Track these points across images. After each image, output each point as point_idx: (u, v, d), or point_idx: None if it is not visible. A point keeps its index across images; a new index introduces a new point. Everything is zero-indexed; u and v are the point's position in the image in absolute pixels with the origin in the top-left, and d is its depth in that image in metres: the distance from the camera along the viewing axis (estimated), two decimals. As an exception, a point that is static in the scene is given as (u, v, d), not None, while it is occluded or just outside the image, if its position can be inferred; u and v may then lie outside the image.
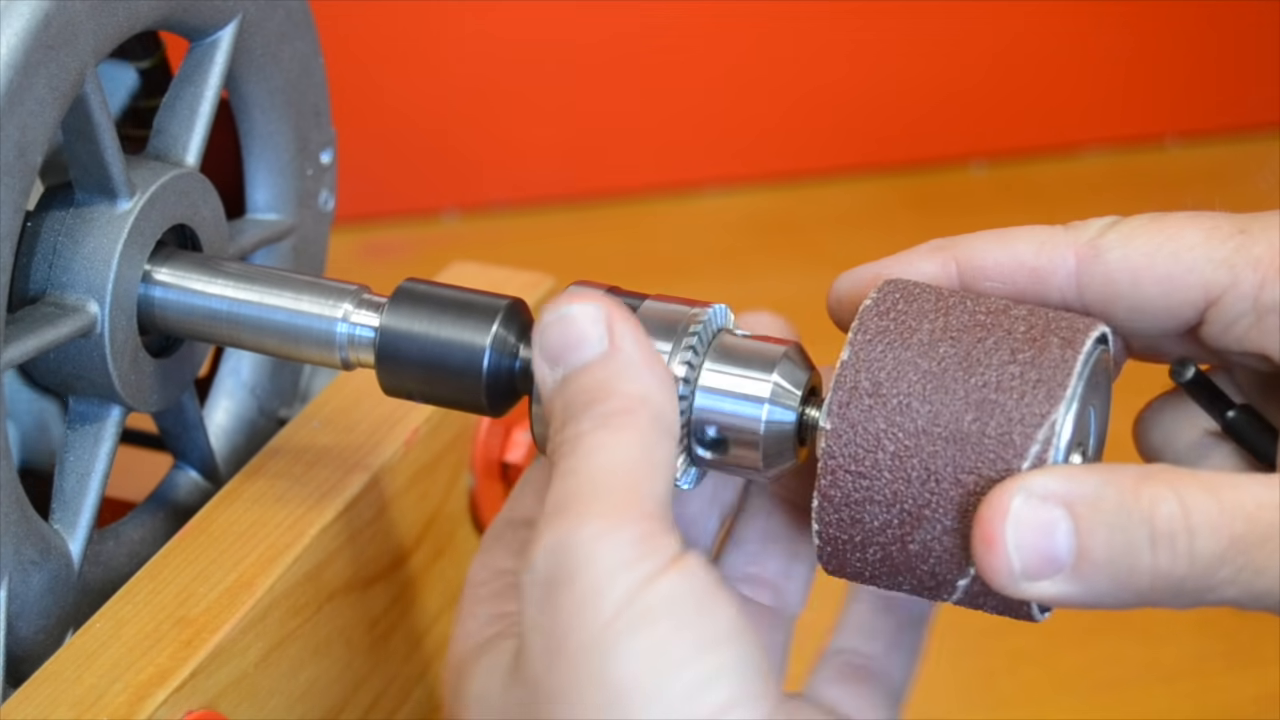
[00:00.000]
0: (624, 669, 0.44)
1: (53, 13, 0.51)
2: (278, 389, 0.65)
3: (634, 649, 0.44)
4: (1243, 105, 1.23)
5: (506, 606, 0.50)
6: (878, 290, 0.51)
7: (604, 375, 0.48)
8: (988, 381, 0.48)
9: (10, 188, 0.51)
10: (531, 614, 0.45)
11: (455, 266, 0.68)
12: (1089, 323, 0.49)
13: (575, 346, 0.49)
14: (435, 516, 0.64)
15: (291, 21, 0.61)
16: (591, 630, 0.44)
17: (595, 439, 0.47)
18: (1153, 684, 0.81)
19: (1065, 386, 0.48)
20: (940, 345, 0.49)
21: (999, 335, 0.49)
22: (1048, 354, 0.48)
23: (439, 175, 1.16)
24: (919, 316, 0.50)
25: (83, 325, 0.54)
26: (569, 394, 0.48)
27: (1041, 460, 0.47)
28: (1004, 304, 0.50)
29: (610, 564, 0.44)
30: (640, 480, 0.46)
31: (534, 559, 0.45)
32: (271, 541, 0.56)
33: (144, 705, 0.51)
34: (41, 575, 0.54)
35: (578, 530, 0.45)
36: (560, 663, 0.44)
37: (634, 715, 0.43)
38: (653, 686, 0.44)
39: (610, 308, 0.49)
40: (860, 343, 0.49)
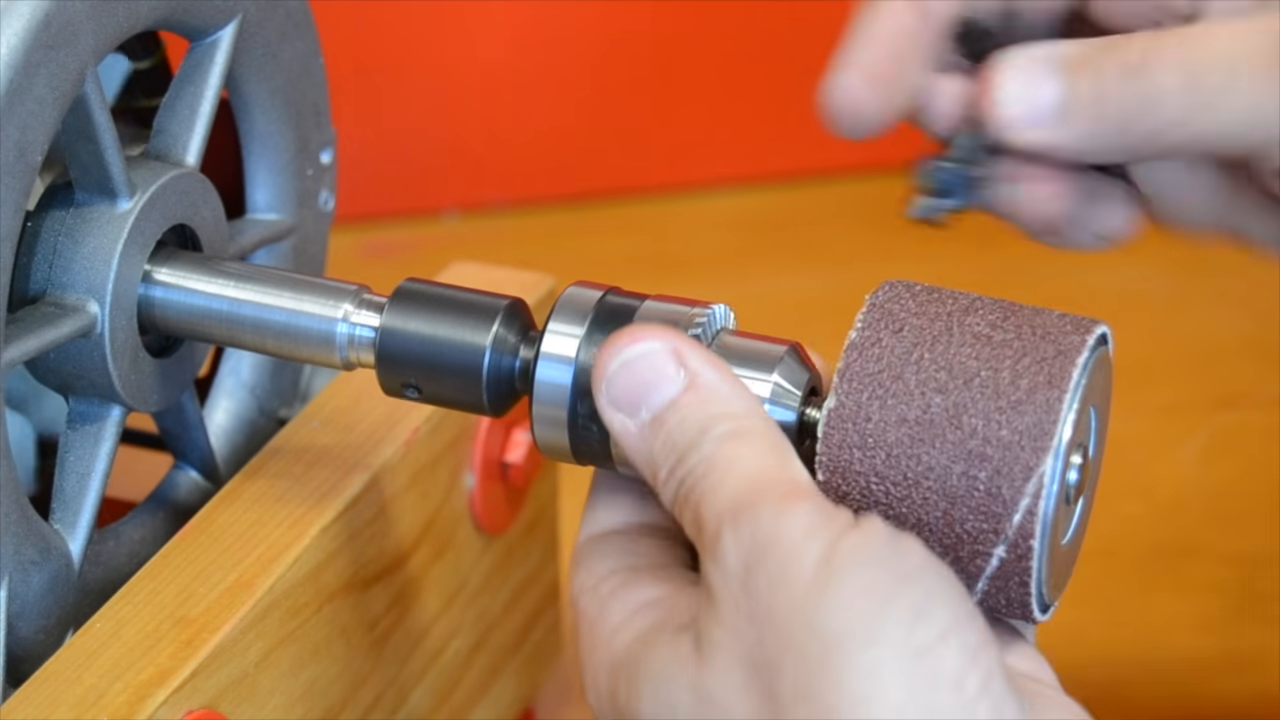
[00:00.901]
0: (835, 617, 0.44)
1: (53, 13, 0.51)
2: (278, 389, 0.65)
3: (840, 598, 0.44)
4: (1243, 105, 1.23)
5: (641, 595, 0.50)
6: (861, 319, 0.50)
7: (697, 407, 0.49)
8: (975, 431, 0.48)
9: (10, 188, 0.51)
10: (731, 602, 0.45)
11: (455, 266, 0.68)
12: (1078, 340, 0.48)
13: (654, 388, 0.49)
14: (435, 516, 0.64)
15: (291, 21, 0.61)
16: (795, 593, 0.44)
17: (726, 452, 0.48)
18: (1153, 684, 0.81)
19: (1051, 436, 0.47)
20: (926, 391, 0.48)
21: (985, 375, 0.48)
22: (1035, 398, 0.48)
23: (439, 175, 1.16)
24: (904, 355, 0.49)
25: (83, 325, 0.54)
26: (667, 434, 0.49)
27: (1032, 513, 0.47)
28: (990, 324, 0.49)
29: (797, 535, 0.45)
30: (789, 472, 0.47)
31: (723, 555, 0.46)
32: (271, 541, 0.56)
33: (144, 705, 0.51)
34: (41, 575, 0.54)
35: (758, 518, 0.46)
36: (770, 634, 0.44)
37: (856, 658, 0.43)
38: (866, 627, 0.44)
39: (672, 338, 0.50)
40: (846, 390, 0.49)
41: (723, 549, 0.46)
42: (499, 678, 0.70)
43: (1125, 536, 0.87)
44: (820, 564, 0.44)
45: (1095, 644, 0.83)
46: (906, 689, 0.43)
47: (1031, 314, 0.49)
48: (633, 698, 0.48)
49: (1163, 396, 0.97)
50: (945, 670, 0.44)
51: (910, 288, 0.51)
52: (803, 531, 0.45)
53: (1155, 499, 0.90)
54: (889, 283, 0.51)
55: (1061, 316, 0.49)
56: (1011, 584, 0.49)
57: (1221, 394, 0.98)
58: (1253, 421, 0.96)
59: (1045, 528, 0.48)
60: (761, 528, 0.46)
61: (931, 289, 0.51)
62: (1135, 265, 1.09)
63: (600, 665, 0.49)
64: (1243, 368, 1.00)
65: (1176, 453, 0.93)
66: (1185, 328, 1.03)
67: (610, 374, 0.49)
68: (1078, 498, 0.50)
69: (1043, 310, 0.50)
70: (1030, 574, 0.48)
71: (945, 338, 0.49)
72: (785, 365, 0.52)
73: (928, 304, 0.50)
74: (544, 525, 0.72)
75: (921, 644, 0.44)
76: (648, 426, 0.49)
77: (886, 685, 0.43)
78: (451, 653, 0.66)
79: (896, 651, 0.43)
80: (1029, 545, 0.48)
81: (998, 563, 0.48)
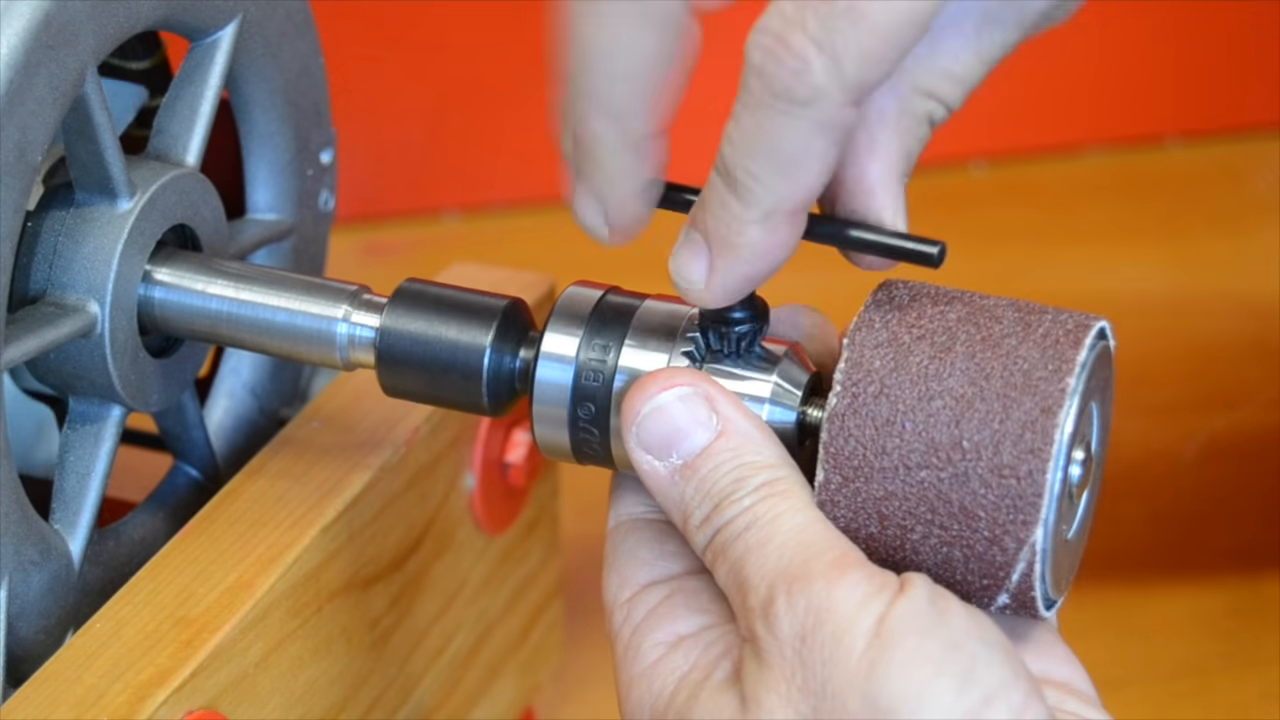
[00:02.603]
0: (889, 687, 0.45)
1: (53, 13, 0.51)
2: (278, 389, 0.65)
3: (892, 667, 0.45)
4: (1243, 105, 1.22)
5: (676, 626, 0.50)
6: (841, 376, 0.49)
7: (730, 455, 0.49)
8: (964, 505, 0.48)
9: (10, 188, 0.51)
10: (785, 670, 0.46)
11: (455, 266, 0.68)
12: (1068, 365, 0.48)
13: (687, 434, 0.50)
14: (435, 516, 0.64)
15: (291, 21, 0.61)
16: (849, 664, 0.46)
17: (768, 508, 0.48)
18: (1153, 684, 0.81)
19: (1038, 509, 0.47)
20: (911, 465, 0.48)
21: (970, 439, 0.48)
22: (1021, 466, 0.47)
23: (439, 175, 1.16)
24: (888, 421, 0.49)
25: (83, 325, 0.54)
26: (700, 480, 0.49)
27: (1028, 575, 0.48)
28: (982, 343, 0.49)
29: (850, 605, 0.46)
30: (830, 530, 0.48)
31: (776, 621, 0.47)
32: (271, 541, 0.56)
33: (144, 705, 0.51)
34: (42, 575, 0.54)
35: (810, 587, 0.47)
36: (825, 704, 0.46)
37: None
38: (919, 695, 0.45)
39: (703, 383, 0.50)
40: (832, 467, 0.49)
41: (776, 615, 0.47)
42: (499, 678, 0.70)
43: (1125, 537, 0.87)
44: (873, 636, 0.46)
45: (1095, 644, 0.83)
46: None
47: (1016, 342, 0.49)
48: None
49: (1163, 396, 0.97)
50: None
51: (894, 302, 0.50)
52: (856, 602, 0.46)
53: (1155, 499, 0.90)
54: (885, 283, 0.51)
55: (1046, 336, 0.49)
56: (1018, 611, 0.49)
57: (1221, 394, 0.98)
58: (1253, 421, 0.96)
59: (1044, 578, 0.48)
60: (815, 597, 0.46)
61: (915, 308, 0.50)
62: (1135, 265, 1.09)
63: (641, 704, 0.50)
64: (1243, 368, 1.00)
65: (1176, 453, 0.93)
66: (1185, 328, 1.03)
67: (641, 417, 0.50)
68: (1082, 492, 0.50)
69: (1031, 327, 0.49)
70: (1035, 609, 0.49)
71: (926, 403, 0.49)
72: (785, 365, 0.52)
73: (908, 348, 0.49)
74: (544, 525, 0.72)
75: (969, 707, 0.45)
76: (678, 471, 0.50)
77: None
78: (452, 653, 0.66)
79: (945, 716, 0.45)
80: (1030, 596, 0.49)
81: (1002, 605, 0.49)
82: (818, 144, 0.48)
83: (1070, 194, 1.16)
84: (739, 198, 0.49)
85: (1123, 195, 1.16)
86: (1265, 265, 1.08)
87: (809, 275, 0.57)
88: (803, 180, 0.48)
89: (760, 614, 0.47)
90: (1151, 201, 1.16)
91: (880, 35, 0.47)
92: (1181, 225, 1.13)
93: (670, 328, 0.52)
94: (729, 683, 0.48)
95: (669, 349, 0.52)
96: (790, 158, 0.48)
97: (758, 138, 0.48)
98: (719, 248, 0.49)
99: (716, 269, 0.50)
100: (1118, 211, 1.15)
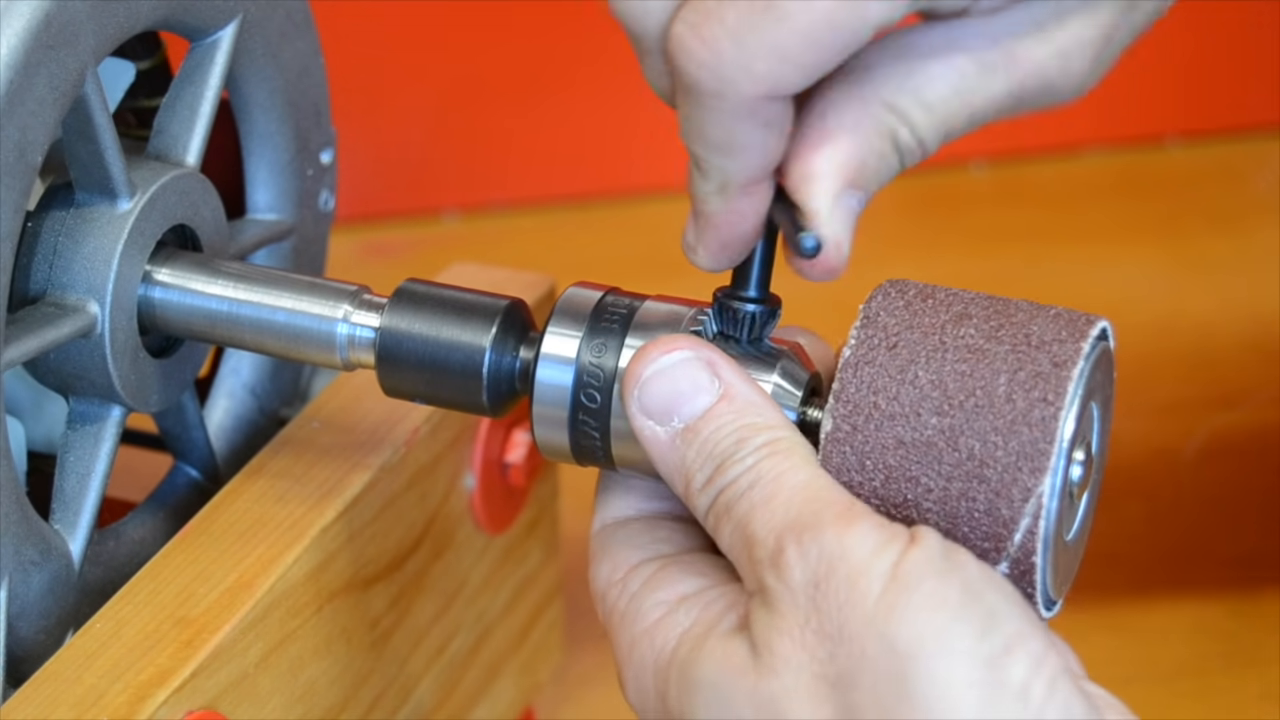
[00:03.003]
0: (908, 631, 0.45)
1: (53, 13, 0.51)
2: (278, 389, 0.65)
3: (910, 612, 0.45)
4: (1243, 105, 1.22)
5: (676, 588, 0.50)
6: (855, 333, 0.50)
7: (732, 417, 0.50)
8: (972, 453, 0.48)
9: (10, 188, 0.51)
10: (799, 616, 0.46)
11: (455, 266, 0.68)
12: (1073, 350, 0.48)
13: (688, 397, 0.50)
14: (435, 516, 0.64)
15: (291, 21, 0.61)
16: (866, 607, 0.46)
17: (771, 465, 0.49)
18: (1153, 684, 0.81)
19: (1049, 456, 0.47)
20: (923, 411, 0.48)
21: (982, 388, 0.48)
22: (1031, 414, 0.48)
23: (439, 175, 1.16)
24: (900, 371, 0.49)
25: (83, 325, 0.54)
26: (702, 443, 0.50)
27: (1032, 532, 0.48)
28: (985, 334, 0.49)
29: (863, 552, 0.46)
30: (837, 488, 0.49)
31: (788, 570, 0.47)
32: (272, 541, 0.56)
33: (144, 705, 0.51)
34: (42, 575, 0.54)
35: (822, 535, 0.47)
36: (843, 649, 0.46)
37: (929, 670, 0.45)
38: (938, 640, 0.45)
39: (704, 349, 0.50)
40: (842, 414, 0.49)
41: (787, 563, 0.47)
42: (499, 678, 0.70)
43: (1125, 537, 0.87)
44: (888, 580, 0.46)
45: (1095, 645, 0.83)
46: (977, 698, 0.45)
47: (1027, 318, 0.49)
48: (687, 704, 0.48)
49: (1163, 396, 0.97)
50: (1013, 679, 0.45)
51: (904, 292, 0.51)
52: (870, 549, 0.46)
53: (1155, 499, 0.90)
54: (886, 283, 0.51)
55: (1058, 316, 0.49)
56: (1017, 585, 0.49)
57: (1221, 394, 0.98)
58: (1253, 421, 0.96)
59: (1046, 544, 0.48)
60: (826, 545, 0.46)
61: (927, 290, 0.51)
62: (1135, 265, 1.09)
63: (644, 664, 0.50)
64: (1243, 368, 1.00)
65: (1176, 453, 0.93)
66: (1185, 328, 1.03)
67: (644, 380, 0.50)
68: (1082, 493, 0.50)
69: (1039, 310, 0.50)
70: (1035, 586, 0.48)
71: (940, 354, 0.49)
72: (785, 365, 0.52)
73: (922, 313, 0.50)
74: (544, 525, 0.72)
75: (990, 654, 0.45)
76: (679, 435, 0.50)
77: (959, 695, 0.45)
78: (451, 653, 0.66)
79: (967, 662, 0.45)
80: (1031, 562, 0.48)
81: (1003, 575, 0.48)
82: (741, 130, 0.49)
83: (1070, 194, 1.16)
84: (697, 173, 0.51)
85: (1123, 195, 1.16)
86: (1265, 265, 1.08)
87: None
88: (742, 159, 0.50)
89: (770, 564, 0.47)
90: (1151, 201, 1.16)
91: (799, 33, 0.48)
92: (1181, 225, 1.13)
93: (670, 328, 0.52)
94: (736, 631, 0.48)
95: (669, 349, 0.52)
96: (720, 142, 0.50)
97: (691, 123, 0.50)
98: (695, 216, 0.52)
99: (700, 241, 0.52)
100: (1118, 211, 1.15)
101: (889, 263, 0.55)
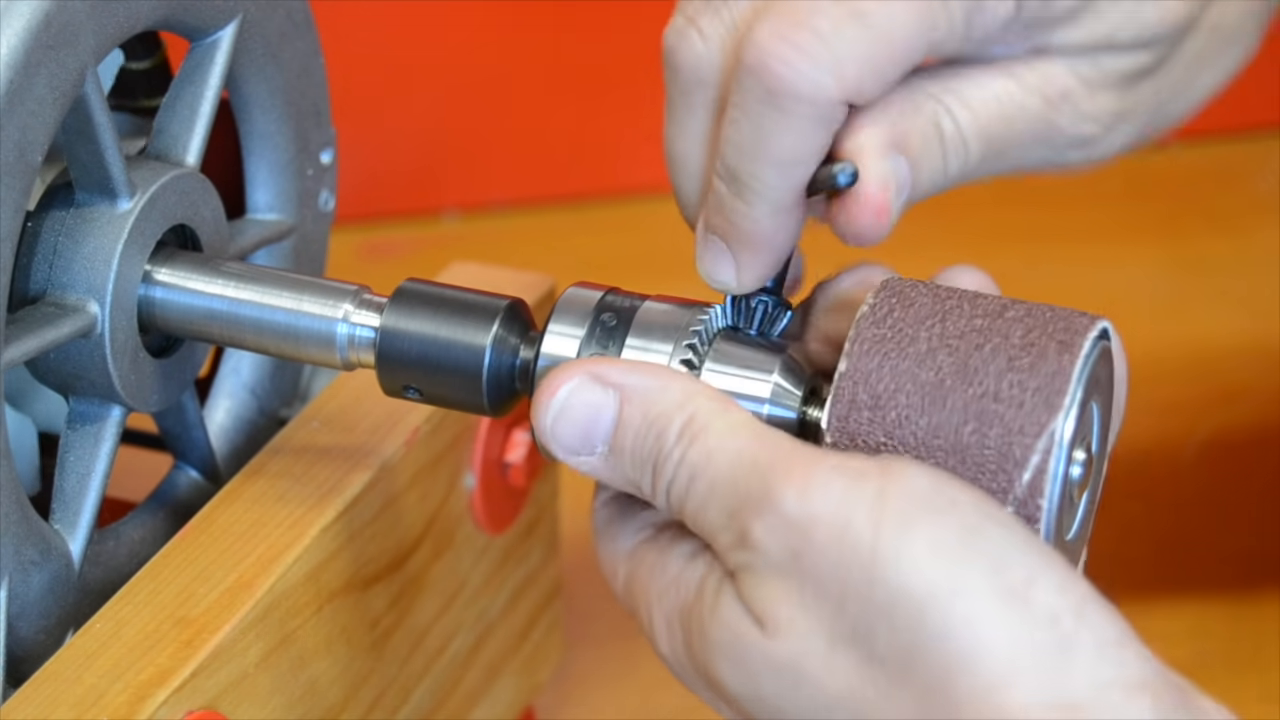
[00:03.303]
0: (917, 578, 0.44)
1: (53, 13, 0.51)
2: (278, 389, 0.65)
3: (915, 559, 0.44)
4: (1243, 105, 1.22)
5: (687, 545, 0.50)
6: (873, 295, 0.50)
7: (640, 417, 0.49)
8: (986, 391, 0.48)
9: (10, 188, 0.51)
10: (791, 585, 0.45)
11: (455, 266, 0.68)
12: (1087, 322, 0.49)
13: (594, 421, 0.50)
14: (435, 516, 0.64)
15: (291, 21, 0.61)
16: (863, 562, 0.44)
17: (698, 452, 0.48)
18: (1153, 684, 0.81)
19: (1064, 394, 0.47)
20: (938, 354, 0.49)
21: (996, 341, 0.49)
22: (1046, 360, 0.48)
23: (439, 175, 1.16)
24: (915, 323, 0.49)
25: (83, 325, 0.54)
26: (629, 455, 0.49)
27: (1042, 470, 0.47)
28: (1001, 305, 0.50)
29: (833, 505, 0.45)
30: (767, 440, 0.47)
31: (761, 548, 0.46)
32: (272, 541, 0.56)
33: (144, 705, 0.51)
34: (42, 575, 0.54)
35: (780, 504, 0.46)
36: (851, 605, 0.44)
37: (951, 611, 0.43)
38: (951, 581, 0.44)
39: (585, 365, 0.50)
40: (858, 354, 0.49)
41: (757, 542, 0.46)
42: (499, 678, 0.70)
43: (1125, 537, 0.87)
44: (876, 528, 0.44)
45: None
46: (1006, 631, 0.43)
47: (1037, 305, 0.50)
48: (710, 664, 0.48)
49: (1163, 396, 0.97)
50: (1040, 607, 0.44)
51: (906, 288, 0.51)
52: (837, 500, 0.45)
53: (1155, 499, 0.90)
54: (887, 281, 0.51)
55: (1059, 316, 0.50)
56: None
57: (1221, 394, 0.98)
58: (1253, 421, 0.96)
59: (1056, 485, 0.47)
60: (789, 511, 0.45)
61: (928, 287, 0.51)
62: (1135, 265, 1.09)
63: (673, 612, 0.49)
64: (1243, 368, 1.00)
65: (1176, 453, 0.93)
66: (1185, 328, 1.03)
67: (550, 429, 0.50)
68: (1081, 493, 0.50)
69: (1039, 309, 0.50)
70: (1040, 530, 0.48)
71: (956, 311, 0.49)
72: (785, 366, 0.52)
73: (937, 290, 0.50)
74: (544, 525, 0.72)
75: (1009, 587, 0.44)
76: (608, 458, 0.50)
77: (987, 630, 0.43)
78: (451, 653, 0.66)
79: (987, 597, 0.43)
80: (1038, 504, 0.47)
81: None
82: (814, 136, 0.50)
83: (1070, 194, 1.16)
84: (746, 200, 0.51)
85: (1123, 195, 1.16)
86: (1265, 265, 1.08)
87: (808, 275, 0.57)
88: (804, 170, 0.51)
89: (740, 547, 0.46)
90: (1151, 201, 1.16)
91: (885, 41, 0.50)
92: (1181, 225, 1.13)
93: (670, 328, 0.52)
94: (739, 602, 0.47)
95: (669, 349, 0.52)
96: (790, 156, 0.50)
97: (756, 140, 0.50)
98: (738, 246, 0.52)
99: (742, 265, 0.52)
100: (1118, 211, 1.15)
101: (889, 263, 0.55)
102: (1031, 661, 0.43)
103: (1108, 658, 0.43)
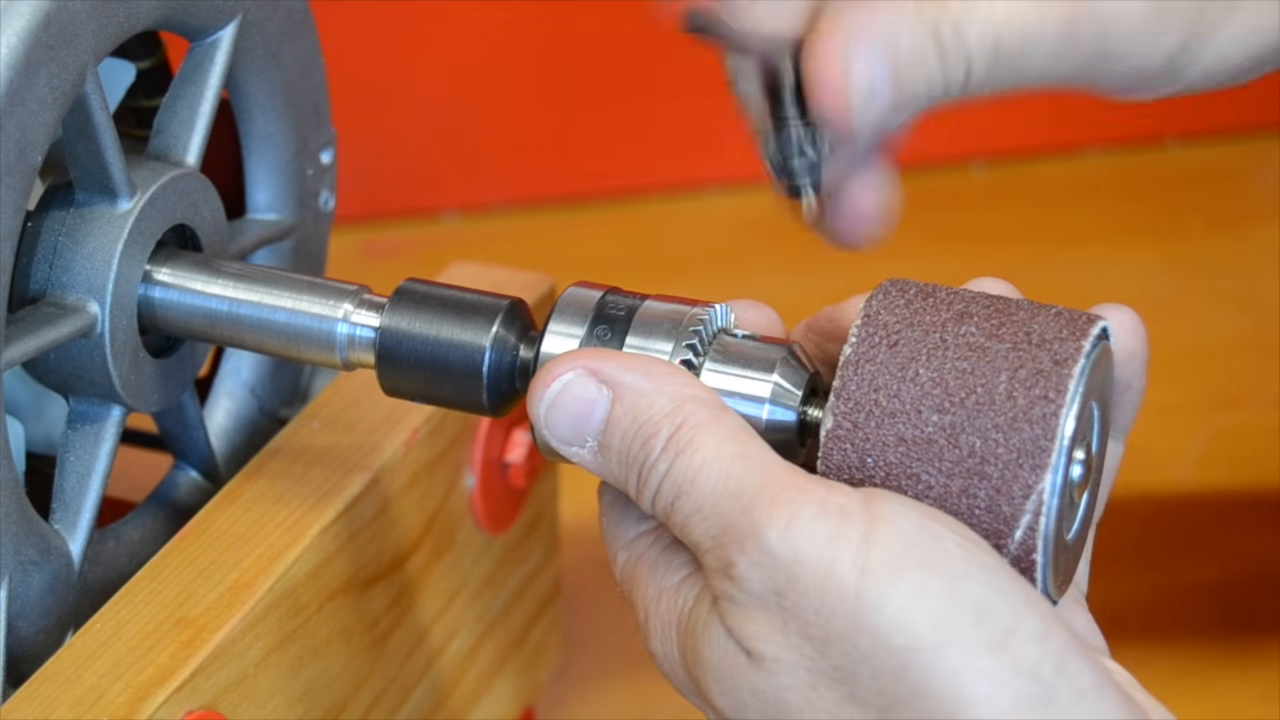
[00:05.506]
0: (900, 627, 0.44)
1: (53, 13, 0.51)
2: (278, 389, 0.65)
3: (897, 607, 0.44)
4: (1243, 105, 1.22)
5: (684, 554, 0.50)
6: (856, 331, 0.49)
7: (630, 420, 0.49)
8: (973, 449, 0.48)
9: (10, 188, 0.51)
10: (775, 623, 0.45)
11: (455, 266, 0.68)
12: (1076, 345, 0.48)
13: (586, 416, 0.49)
14: (435, 516, 0.64)
15: (292, 21, 0.61)
16: (846, 609, 0.44)
17: (684, 468, 0.47)
18: (1153, 684, 0.81)
19: (1049, 454, 0.47)
20: (924, 409, 0.48)
21: (983, 385, 0.48)
22: (1032, 411, 0.47)
23: (439, 175, 1.16)
24: (901, 369, 0.49)
25: (83, 325, 0.54)
26: (617, 455, 0.49)
27: (1033, 529, 0.47)
28: (989, 326, 0.49)
29: (818, 546, 0.45)
30: (754, 462, 0.47)
31: (745, 581, 0.46)
32: (272, 541, 0.56)
33: (144, 705, 0.51)
34: (42, 575, 0.54)
35: (763, 540, 0.45)
36: (834, 649, 0.44)
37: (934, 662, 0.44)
38: (935, 632, 0.44)
39: (584, 359, 0.50)
40: (843, 410, 0.49)
41: (741, 576, 0.46)
42: (499, 678, 0.70)
43: (1125, 537, 0.87)
44: (860, 575, 0.44)
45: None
46: (988, 682, 0.43)
47: (1027, 317, 0.49)
48: (701, 679, 0.48)
49: (1163, 396, 0.97)
50: (1021, 658, 0.44)
51: (905, 290, 0.51)
52: (823, 540, 0.45)
53: (1155, 499, 0.90)
54: (887, 282, 0.51)
55: (1059, 315, 0.49)
56: None
57: (1221, 394, 0.98)
58: (1253, 421, 0.96)
59: (1047, 543, 0.48)
60: (773, 549, 0.45)
61: (927, 289, 0.51)
62: (1135, 265, 1.09)
63: (669, 619, 0.49)
64: (1243, 368, 1.00)
65: (1176, 453, 0.93)
66: (1185, 328, 1.03)
67: (544, 418, 0.50)
68: (1082, 493, 0.50)
69: (1040, 309, 0.50)
70: (1034, 585, 0.48)
71: (940, 351, 0.49)
72: (785, 365, 0.52)
73: (922, 311, 0.50)
74: (544, 525, 0.72)
75: (991, 639, 0.44)
76: (598, 453, 0.50)
77: (969, 682, 0.43)
78: (452, 652, 0.66)
79: (969, 650, 0.44)
80: (1031, 560, 0.48)
81: None
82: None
83: (1070, 194, 1.16)
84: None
85: (1122, 195, 1.16)
86: (1265, 265, 1.08)
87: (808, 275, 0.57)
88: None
89: (723, 575, 0.46)
90: (1151, 201, 1.16)
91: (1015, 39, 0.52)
92: (1181, 225, 1.13)
93: (671, 327, 0.52)
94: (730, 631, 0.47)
95: (669, 348, 0.52)
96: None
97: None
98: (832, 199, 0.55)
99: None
100: (1118, 211, 1.15)
101: (889, 262, 0.55)
102: (1011, 712, 0.43)
103: (1086, 705, 0.44)
